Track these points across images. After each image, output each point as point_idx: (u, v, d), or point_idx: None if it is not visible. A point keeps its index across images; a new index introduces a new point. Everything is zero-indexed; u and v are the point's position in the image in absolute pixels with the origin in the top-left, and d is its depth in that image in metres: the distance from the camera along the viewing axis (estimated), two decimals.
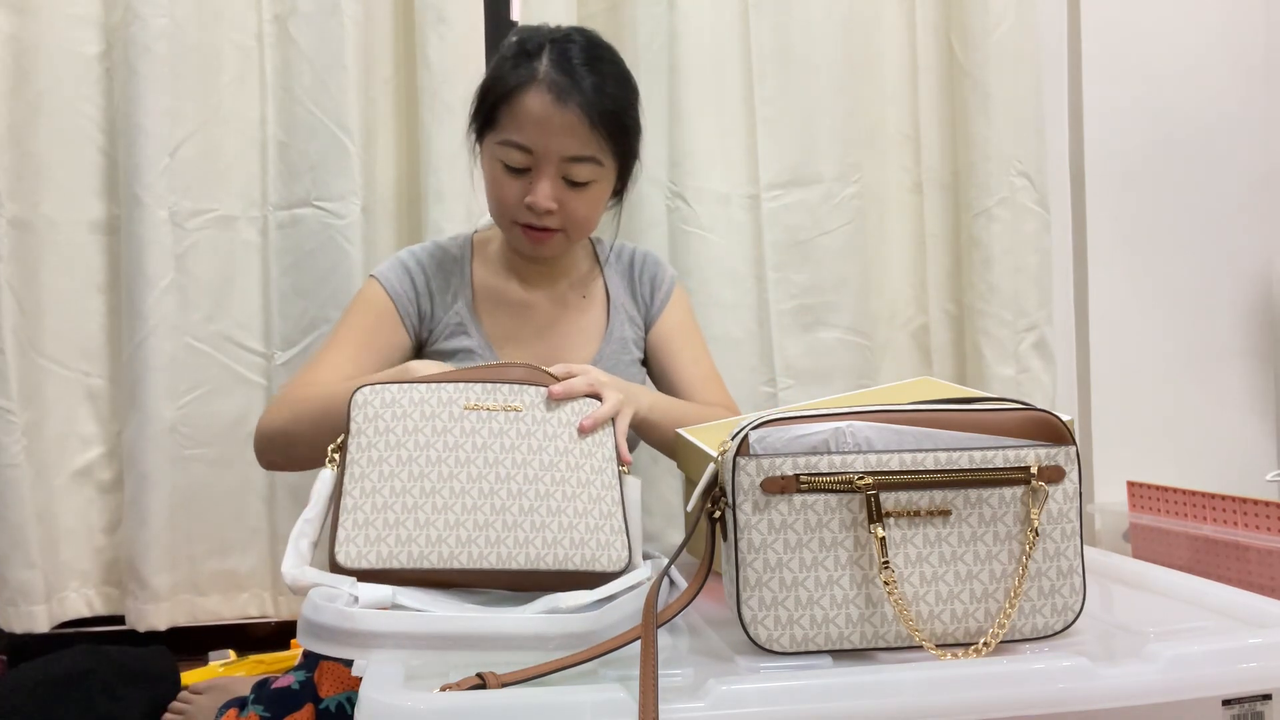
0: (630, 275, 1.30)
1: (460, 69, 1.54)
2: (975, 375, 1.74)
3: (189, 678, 1.39)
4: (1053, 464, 0.72)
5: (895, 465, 0.70)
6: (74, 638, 1.48)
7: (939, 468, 0.70)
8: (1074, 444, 0.73)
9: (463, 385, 0.89)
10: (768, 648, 0.69)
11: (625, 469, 0.91)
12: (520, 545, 0.83)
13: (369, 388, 0.87)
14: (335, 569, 0.81)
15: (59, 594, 1.50)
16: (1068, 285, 1.86)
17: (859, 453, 0.70)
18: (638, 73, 1.61)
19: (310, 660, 1.03)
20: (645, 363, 1.29)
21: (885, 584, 0.69)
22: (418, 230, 1.59)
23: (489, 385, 0.89)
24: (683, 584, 0.77)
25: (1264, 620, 0.75)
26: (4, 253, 1.47)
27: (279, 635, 1.59)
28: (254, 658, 1.49)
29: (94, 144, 1.53)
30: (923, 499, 0.71)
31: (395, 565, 0.81)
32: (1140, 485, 1.52)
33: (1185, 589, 0.85)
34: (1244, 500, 1.34)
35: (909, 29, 1.76)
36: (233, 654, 1.53)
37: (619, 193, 1.21)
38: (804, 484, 0.69)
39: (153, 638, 1.47)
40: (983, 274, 1.72)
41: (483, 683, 0.61)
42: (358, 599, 0.75)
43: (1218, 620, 0.77)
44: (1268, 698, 0.65)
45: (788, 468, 0.70)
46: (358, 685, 0.62)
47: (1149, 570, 0.91)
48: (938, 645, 0.69)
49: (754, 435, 0.71)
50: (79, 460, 1.53)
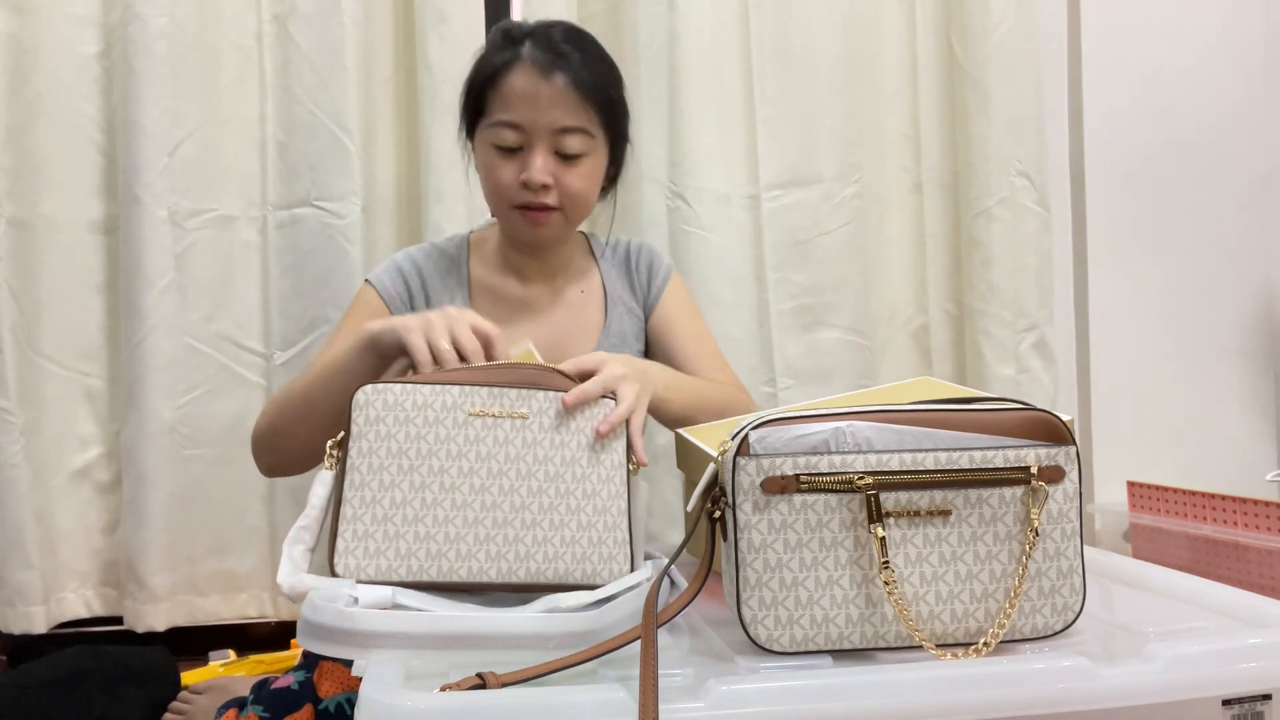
0: (627, 267, 1.30)
1: (460, 69, 1.52)
2: (975, 375, 1.73)
3: (189, 678, 1.39)
4: (1053, 464, 0.72)
5: (895, 465, 0.70)
6: (73, 638, 1.48)
7: (939, 468, 0.70)
8: (1074, 444, 0.73)
9: (469, 389, 0.85)
10: (768, 648, 0.69)
11: (634, 467, 0.88)
12: (521, 560, 0.83)
13: (371, 387, 0.84)
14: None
15: (57, 595, 1.50)
16: (1068, 285, 1.86)
17: (859, 453, 0.70)
18: (638, 72, 1.63)
19: (310, 660, 1.03)
20: (647, 353, 1.29)
21: (885, 584, 0.69)
22: (418, 230, 1.59)
23: (495, 390, 0.86)
24: (683, 584, 0.77)
25: (1264, 620, 0.74)
26: (3, 252, 1.47)
27: (278, 635, 1.59)
28: (253, 658, 1.49)
29: (93, 144, 1.53)
30: (923, 499, 0.70)
31: (394, 579, 0.80)
32: (1140, 485, 1.52)
33: (1185, 589, 0.85)
34: (1244, 500, 1.34)
35: (909, 29, 1.76)
36: (233, 654, 1.53)
37: (613, 180, 1.22)
38: (804, 484, 0.69)
39: (152, 638, 1.47)
40: (983, 274, 1.72)
41: (482, 683, 0.60)
42: (357, 599, 0.75)
43: (1218, 620, 0.76)
44: (1268, 698, 0.65)
45: (788, 468, 0.70)
46: (357, 685, 0.62)
47: (1149, 570, 0.91)
48: (938, 645, 0.69)
49: (754, 435, 0.71)
50: (77, 460, 1.53)
